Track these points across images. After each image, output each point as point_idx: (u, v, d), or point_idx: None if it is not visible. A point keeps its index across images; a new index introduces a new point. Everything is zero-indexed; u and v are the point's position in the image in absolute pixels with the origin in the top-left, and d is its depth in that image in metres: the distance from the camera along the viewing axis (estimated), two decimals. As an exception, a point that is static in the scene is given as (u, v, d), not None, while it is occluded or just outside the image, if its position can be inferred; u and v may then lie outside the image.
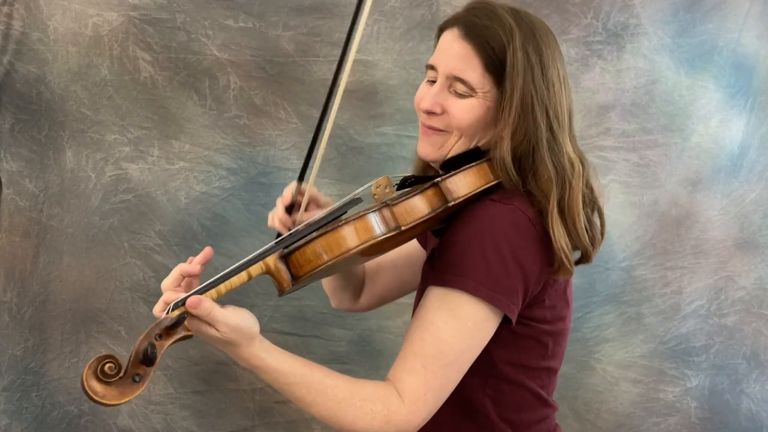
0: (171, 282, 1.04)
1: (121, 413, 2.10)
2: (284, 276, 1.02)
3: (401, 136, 2.07)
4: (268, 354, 1.02)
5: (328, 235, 1.01)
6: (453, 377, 1.07)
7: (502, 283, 1.05)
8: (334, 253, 1.01)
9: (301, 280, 1.03)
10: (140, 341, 0.92)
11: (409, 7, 2.02)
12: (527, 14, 1.15)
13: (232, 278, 0.99)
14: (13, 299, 2.05)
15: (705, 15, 2.11)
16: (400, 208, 1.06)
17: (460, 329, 1.05)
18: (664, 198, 2.17)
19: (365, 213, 1.03)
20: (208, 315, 0.95)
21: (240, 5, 1.98)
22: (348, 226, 1.01)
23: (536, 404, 1.20)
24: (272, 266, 1.02)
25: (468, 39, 1.12)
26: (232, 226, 2.08)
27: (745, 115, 2.18)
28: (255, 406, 2.12)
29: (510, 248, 1.06)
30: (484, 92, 1.12)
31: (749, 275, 2.26)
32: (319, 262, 1.01)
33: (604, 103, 2.12)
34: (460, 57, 1.12)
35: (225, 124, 2.04)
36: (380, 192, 1.11)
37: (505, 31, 1.11)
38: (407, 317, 2.37)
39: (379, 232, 1.03)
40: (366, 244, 1.02)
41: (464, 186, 1.10)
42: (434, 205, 1.09)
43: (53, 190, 2.04)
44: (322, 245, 1.01)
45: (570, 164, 1.12)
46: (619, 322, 2.22)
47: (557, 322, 1.19)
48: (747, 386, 2.31)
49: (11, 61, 1.97)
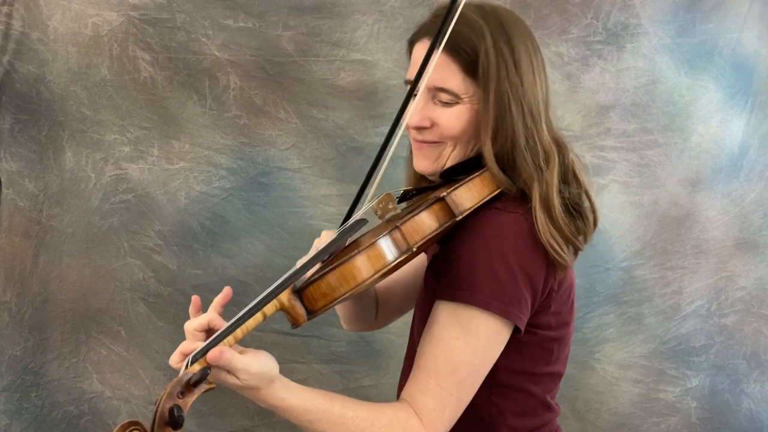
0: (197, 327, 1.00)
1: (121, 413, 2.10)
2: (299, 311, 1.00)
3: (401, 136, 2.07)
4: (289, 393, 0.99)
5: (342, 267, 0.98)
6: (468, 391, 1.07)
7: (512, 295, 1.05)
8: (349, 285, 0.98)
9: (317, 313, 1.01)
10: (163, 401, 0.87)
11: (409, 7, 2.02)
12: (494, 8, 1.13)
13: (248, 321, 0.95)
14: (13, 299, 2.05)
15: (705, 15, 2.11)
16: (408, 227, 1.03)
17: (472, 344, 1.05)
18: (664, 198, 2.17)
19: (376, 240, 1.00)
20: (230, 365, 0.92)
21: (240, 5, 1.98)
22: (360, 256, 0.98)
23: (540, 409, 1.20)
24: (286, 303, 0.99)
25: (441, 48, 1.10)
26: (232, 226, 2.08)
27: (745, 115, 2.18)
28: (255, 406, 2.11)
29: (517, 258, 1.05)
30: (469, 96, 1.11)
31: (749, 275, 2.26)
32: (335, 296, 0.98)
33: (604, 103, 2.12)
34: (437, 67, 1.10)
35: (225, 124, 2.04)
36: (383, 209, 1.10)
37: (475, 31, 1.09)
38: (407, 317, 2.37)
39: (392, 257, 1.00)
40: (380, 272, 0.99)
41: (469, 198, 1.09)
42: (441, 220, 1.07)
43: (53, 190, 2.04)
44: (336, 278, 0.98)
45: (545, 157, 1.10)
46: (619, 322, 2.22)
47: (562, 328, 1.17)
48: (747, 386, 2.31)
49: (11, 61, 1.96)
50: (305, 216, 2.10)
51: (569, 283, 1.18)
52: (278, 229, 2.09)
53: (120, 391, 2.10)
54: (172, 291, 2.08)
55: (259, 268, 2.10)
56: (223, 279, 2.08)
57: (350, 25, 2.01)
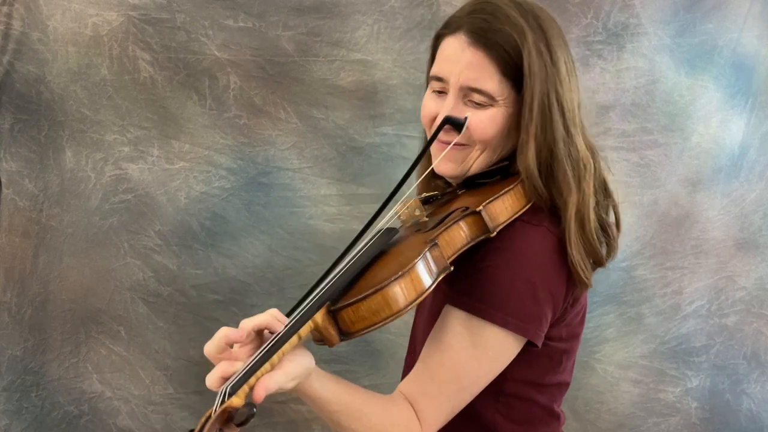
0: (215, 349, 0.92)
1: (121, 413, 2.10)
2: (333, 332, 0.93)
3: (401, 136, 2.07)
4: (321, 384, 0.97)
5: (384, 291, 0.90)
6: (466, 399, 1.06)
7: (532, 313, 1.02)
8: (392, 309, 0.91)
9: (352, 336, 0.94)
10: None
11: (409, 7, 2.02)
12: (530, 5, 1.06)
13: (284, 346, 0.88)
14: (13, 299, 2.05)
15: (705, 15, 2.11)
16: (443, 242, 0.97)
17: (480, 357, 1.03)
18: (664, 198, 2.17)
19: (416, 261, 0.92)
20: (275, 390, 0.87)
21: (240, 5, 1.98)
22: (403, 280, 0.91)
23: (546, 418, 1.19)
24: (320, 324, 0.92)
25: (478, 45, 1.03)
26: (232, 226, 2.08)
27: (745, 115, 2.18)
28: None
29: (542, 276, 1.02)
30: (503, 99, 1.05)
31: (749, 275, 2.26)
32: (375, 320, 0.91)
33: (604, 103, 2.12)
34: (473, 66, 1.03)
35: (225, 124, 2.04)
36: (408, 215, 1.04)
37: (517, 31, 1.02)
38: (407, 317, 2.37)
39: (432, 278, 0.93)
40: (423, 295, 0.93)
41: (504, 212, 1.02)
42: (475, 234, 1.00)
43: (53, 190, 2.03)
44: (378, 302, 0.90)
45: (584, 166, 1.06)
46: (620, 322, 2.22)
47: (572, 339, 1.16)
48: (747, 386, 2.31)
49: (11, 61, 1.96)
50: (305, 216, 2.10)
51: (584, 296, 1.17)
52: (278, 229, 2.09)
53: (120, 391, 2.10)
54: (172, 291, 2.08)
55: (259, 268, 2.10)
56: (223, 279, 2.08)
57: (350, 25, 2.01)
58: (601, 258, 1.07)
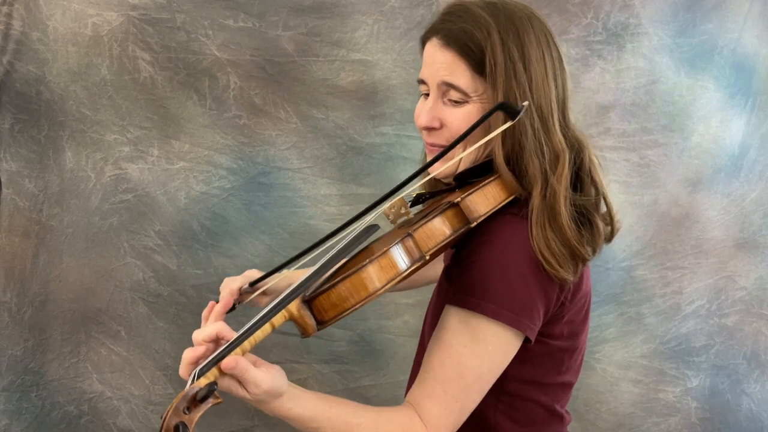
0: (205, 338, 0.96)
1: (121, 413, 2.10)
2: (309, 321, 0.97)
3: (401, 136, 2.07)
4: (295, 403, 0.98)
5: (353, 277, 0.95)
6: (474, 398, 1.06)
7: (524, 305, 1.03)
8: (360, 295, 0.95)
9: (327, 324, 0.98)
10: (168, 417, 0.85)
11: (409, 7, 2.02)
12: (505, 3, 1.10)
13: (256, 333, 0.93)
14: (13, 299, 2.05)
15: (705, 15, 2.11)
16: (421, 234, 1.00)
17: (480, 352, 1.03)
18: (664, 198, 2.17)
19: (388, 248, 0.96)
20: (243, 376, 0.90)
21: (240, 5, 1.98)
22: (372, 266, 0.95)
23: (550, 419, 1.19)
24: (296, 313, 0.96)
25: (449, 47, 1.08)
26: (232, 226, 2.08)
27: (745, 115, 2.18)
28: (255, 407, 2.11)
29: (531, 267, 1.03)
30: (478, 95, 1.08)
31: (749, 275, 2.26)
32: (346, 306, 0.95)
33: (604, 103, 2.12)
34: (446, 65, 1.08)
35: (225, 124, 2.04)
36: (395, 213, 1.07)
37: (482, 29, 1.07)
38: (407, 317, 2.36)
39: (405, 266, 0.97)
40: (392, 282, 0.97)
41: (484, 204, 1.05)
42: (455, 226, 1.04)
43: (53, 190, 2.04)
44: (347, 288, 0.95)
45: (553, 159, 1.07)
46: (620, 322, 2.22)
47: (572, 338, 1.16)
48: (747, 386, 2.31)
49: (11, 61, 1.96)
50: (305, 216, 2.10)
51: (584, 293, 1.16)
52: (278, 229, 2.09)
53: (120, 391, 2.10)
54: (172, 291, 2.08)
55: (259, 268, 2.09)
56: (223, 279, 2.08)
57: (350, 25, 2.01)
58: (580, 251, 1.06)
